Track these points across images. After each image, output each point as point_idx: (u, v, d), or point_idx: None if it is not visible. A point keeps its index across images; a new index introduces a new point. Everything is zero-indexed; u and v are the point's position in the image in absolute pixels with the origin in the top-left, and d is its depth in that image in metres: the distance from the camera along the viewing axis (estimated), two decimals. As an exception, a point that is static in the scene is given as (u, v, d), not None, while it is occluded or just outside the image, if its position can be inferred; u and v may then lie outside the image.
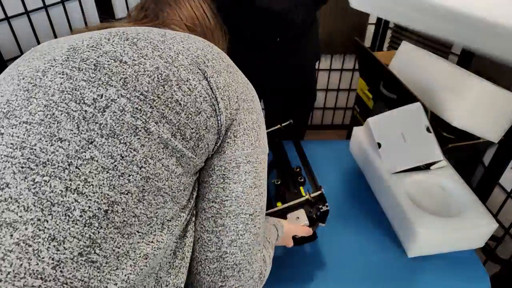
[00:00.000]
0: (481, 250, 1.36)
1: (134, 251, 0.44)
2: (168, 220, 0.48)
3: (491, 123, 1.16)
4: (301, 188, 0.87)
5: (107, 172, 0.42)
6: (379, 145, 1.03)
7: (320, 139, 1.11)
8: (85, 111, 0.43)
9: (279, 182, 0.92)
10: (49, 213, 0.39)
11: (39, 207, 0.39)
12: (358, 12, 2.15)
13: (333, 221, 0.96)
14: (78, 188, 0.41)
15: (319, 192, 0.79)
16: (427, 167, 1.00)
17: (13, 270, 0.37)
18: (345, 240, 0.92)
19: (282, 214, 0.79)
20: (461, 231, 0.85)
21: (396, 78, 1.28)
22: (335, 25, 1.93)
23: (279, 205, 0.82)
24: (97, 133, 0.43)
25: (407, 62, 1.36)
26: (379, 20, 1.94)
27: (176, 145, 0.47)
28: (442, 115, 1.15)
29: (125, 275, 0.43)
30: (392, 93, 1.37)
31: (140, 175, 0.44)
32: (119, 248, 0.43)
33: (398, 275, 0.85)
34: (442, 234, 0.85)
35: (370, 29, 1.98)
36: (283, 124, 1.05)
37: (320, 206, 0.78)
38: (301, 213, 0.77)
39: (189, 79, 0.48)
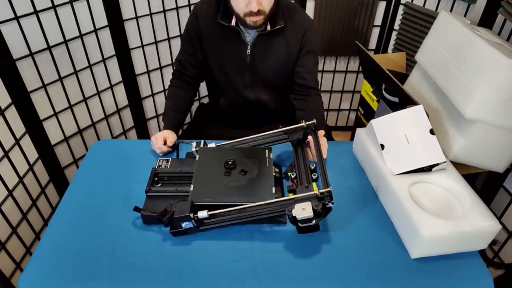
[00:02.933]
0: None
1: None
2: None
3: (496, 157, 1.15)
4: (313, 184, 0.93)
5: None
6: (382, 146, 1.04)
7: (324, 140, 1.13)
8: None
9: (294, 176, 0.98)
10: None
11: None
12: (363, 14, 2.17)
13: (336, 221, 0.97)
14: None
15: (327, 189, 0.85)
16: (429, 168, 1.00)
17: None
18: (348, 241, 0.93)
19: (291, 204, 0.86)
20: (464, 232, 0.86)
21: (396, 83, 1.28)
22: (340, 27, 1.94)
23: (290, 195, 0.89)
24: None
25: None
26: (384, 22, 1.94)
27: None
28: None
29: None
30: (393, 96, 1.37)
31: None
32: None
33: (400, 276, 0.85)
34: (446, 236, 0.85)
35: (375, 31, 1.99)
36: (306, 123, 1.07)
37: (327, 202, 0.84)
38: (308, 205, 0.83)
39: None
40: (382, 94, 1.46)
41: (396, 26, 1.87)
